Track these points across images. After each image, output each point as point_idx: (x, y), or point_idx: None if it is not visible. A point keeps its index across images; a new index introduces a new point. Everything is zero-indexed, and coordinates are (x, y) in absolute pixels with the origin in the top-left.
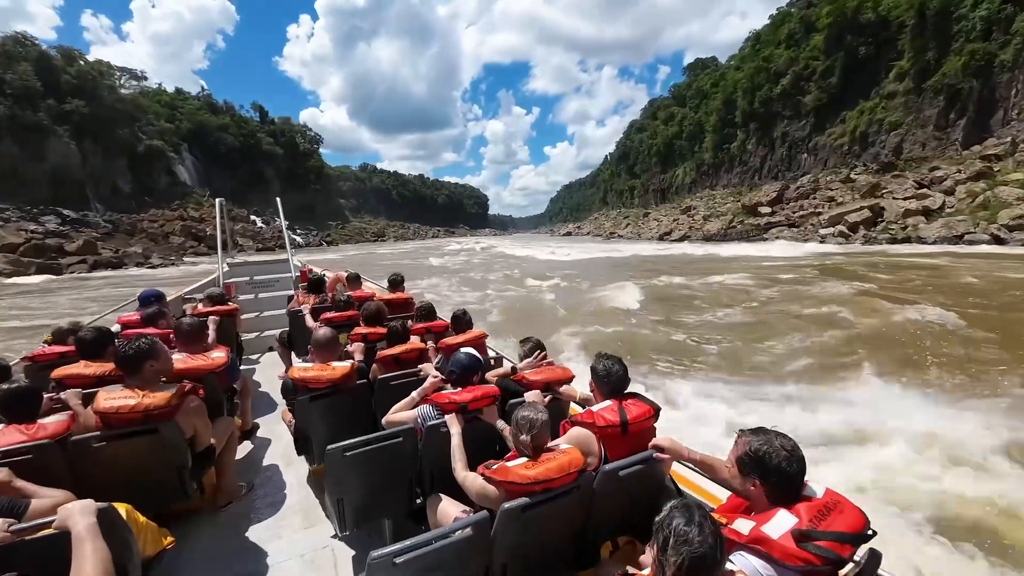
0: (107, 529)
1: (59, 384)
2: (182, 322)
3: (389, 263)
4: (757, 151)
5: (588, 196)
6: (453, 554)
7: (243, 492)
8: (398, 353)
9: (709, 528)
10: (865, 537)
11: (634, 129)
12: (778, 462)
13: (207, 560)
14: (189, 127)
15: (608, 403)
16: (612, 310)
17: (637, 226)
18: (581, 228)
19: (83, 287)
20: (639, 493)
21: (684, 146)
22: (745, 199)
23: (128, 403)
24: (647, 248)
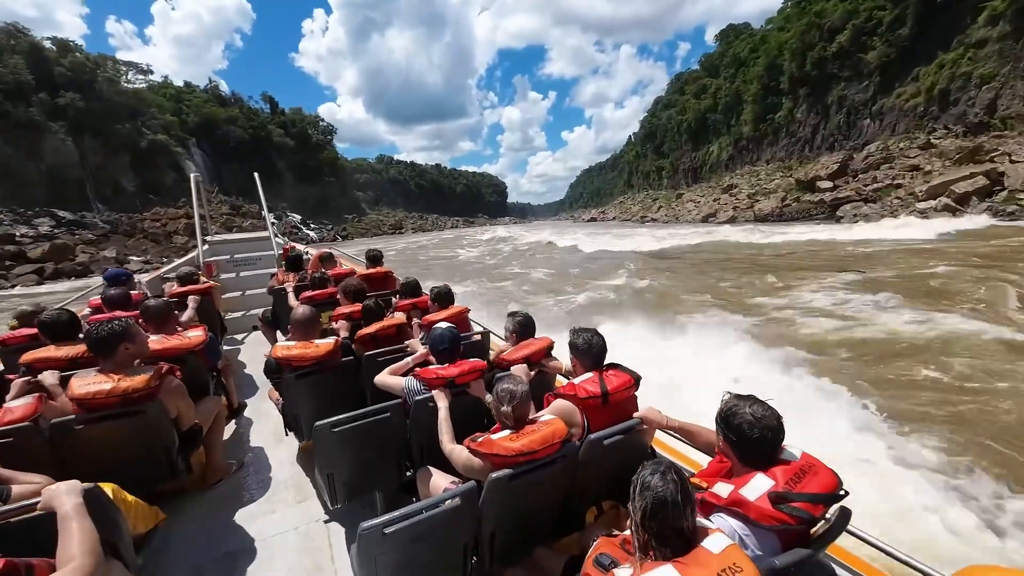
0: (94, 509)
1: (29, 368)
2: (147, 304)
3: (401, 260)
4: (808, 120)
5: (609, 180)
6: (442, 523)
7: (233, 470)
8: (375, 331)
9: (672, 477)
10: (837, 497)
11: (660, 106)
12: (739, 423)
13: (200, 537)
14: (196, 121)
15: (589, 375)
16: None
17: (671, 208)
18: (606, 213)
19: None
20: (622, 460)
21: (719, 120)
22: (799, 173)
23: (104, 388)
24: (696, 233)
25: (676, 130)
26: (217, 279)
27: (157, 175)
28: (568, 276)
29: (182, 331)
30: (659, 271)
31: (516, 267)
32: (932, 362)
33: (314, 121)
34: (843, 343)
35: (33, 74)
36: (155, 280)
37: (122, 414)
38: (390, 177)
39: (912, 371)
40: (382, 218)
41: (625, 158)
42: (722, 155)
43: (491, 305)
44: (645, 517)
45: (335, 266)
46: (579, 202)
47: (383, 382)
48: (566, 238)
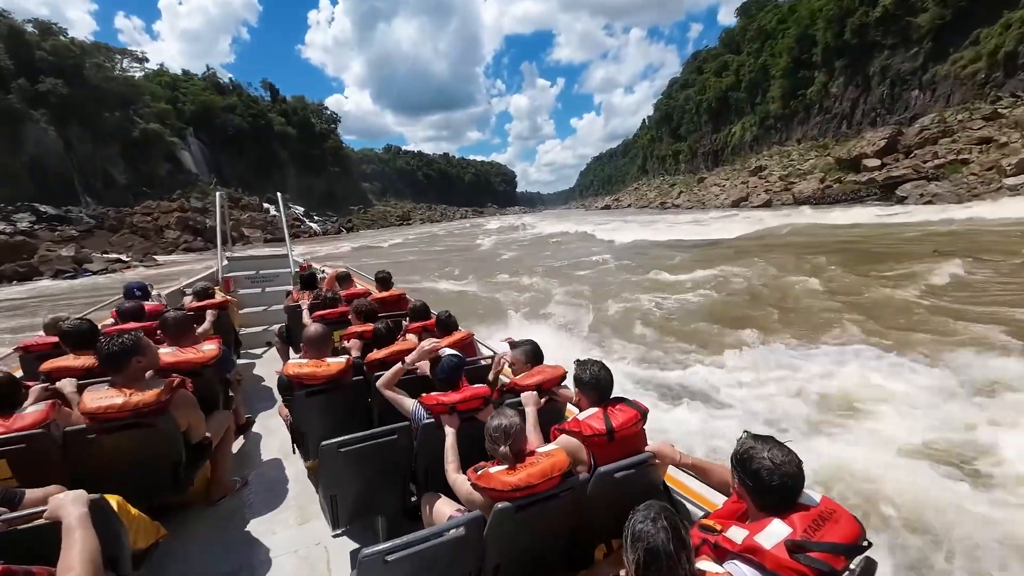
0: (98, 520)
1: (48, 376)
2: (167, 316)
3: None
4: (845, 94)
5: (620, 167)
6: (445, 553)
7: (238, 487)
8: (384, 356)
9: (662, 524)
10: (860, 548)
11: (677, 87)
12: (757, 468)
13: (200, 553)
14: (193, 109)
15: (594, 411)
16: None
17: (693, 193)
18: (620, 200)
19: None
20: (634, 496)
21: (741, 99)
22: (839, 152)
23: (115, 403)
24: (734, 221)
25: (695, 111)
26: (235, 294)
27: (151, 166)
28: (631, 271)
29: (198, 344)
30: (739, 262)
31: (551, 258)
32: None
33: (317, 109)
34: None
35: (12, 59)
36: (175, 293)
37: (134, 425)
38: (397, 167)
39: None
40: (389, 209)
41: (639, 143)
42: (746, 136)
43: (566, 332)
44: (639, 569)
45: (351, 285)
46: (589, 190)
47: (393, 398)
48: (591, 227)
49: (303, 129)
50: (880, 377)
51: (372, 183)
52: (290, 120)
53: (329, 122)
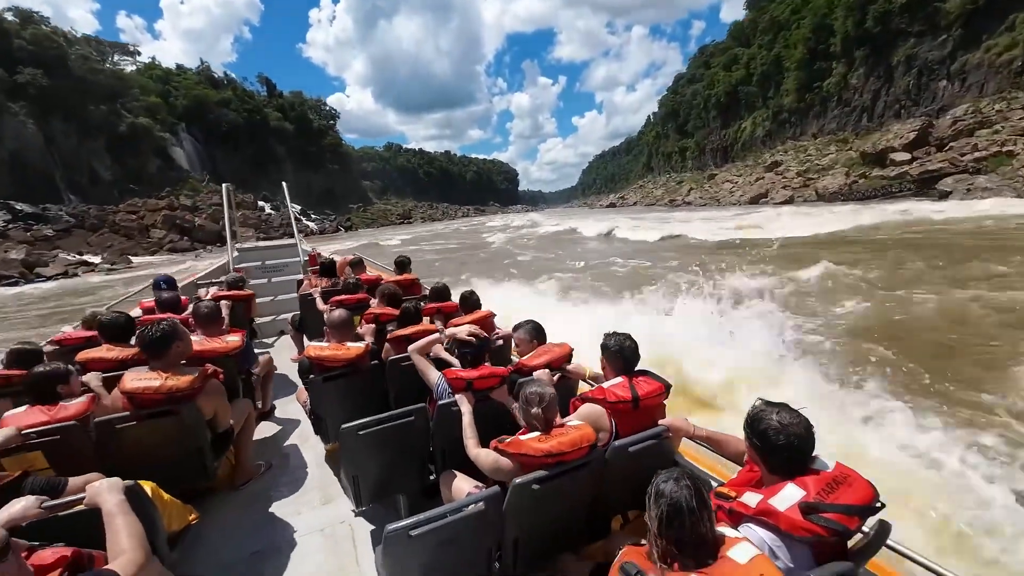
0: (134, 505)
1: (83, 367)
2: (200, 305)
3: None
4: (866, 85)
5: (624, 165)
6: (466, 527)
7: (261, 471)
8: (409, 333)
9: (685, 483)
10: (873, 509)
11: (683, 82)
12: (764, 428)
13: (230, 535)
14: (186, 104)
15: (619, 380)
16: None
17: (704, 190)
18: (626, 198)
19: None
20: (649, 468)
21: (752, 93)
22: (864, 145)
23: (153, 384)
24: (795, 218)
25: (703, 106)
26: (247, 285)
27: (139, 162)
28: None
29: (224, 335)
30: (848, 265)
31: (577, 260)
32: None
33: (316, 105)
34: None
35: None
36: (189, 286)
37: (159, 414)
38: (398, 165)
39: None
40: (390, 207)
41: (644, 140)
42: (757, 131)
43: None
44: (662, 525)
45: (364, 271)
46: (592, 188)
47: (420, 365)
48: (608, 225)
49: (301, 125)
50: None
51: (373, 181)
52: (287, 116)
53: (328, 118)
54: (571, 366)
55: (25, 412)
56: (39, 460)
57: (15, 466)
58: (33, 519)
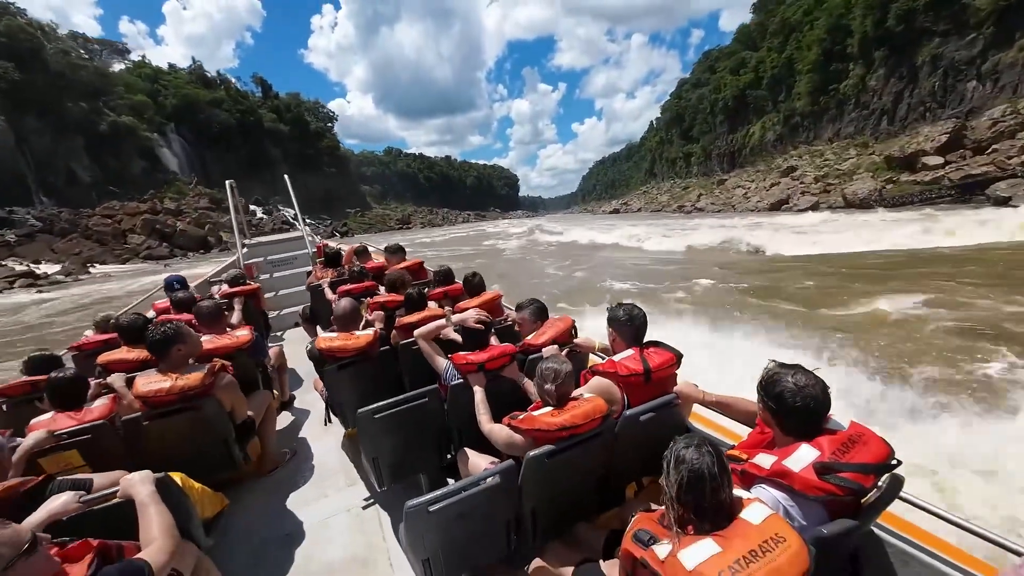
0: (165, 495)
1: (105, 369)
2: (201, 305)
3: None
4: (886, 87)
5: (624, 171)
6: (484, 500)
7: (287, 458)
8: (416, 320)
9: (706, 449)
10: (889, 467)
11: (687, 86)
12: (780, 390)
13: (261, 520)
14: (175, 103)
15: (630, 352)
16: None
17: (715, 196)
18: (630, 204)
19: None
20: (661, 436)
21: (762, 97)
22: (890, 149)
23: (163, 386)
24: (861, 229)
25: (709, 111)
26: (257, 280)
27: (121, 163)
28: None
29: (231, 331)
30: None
31: (603, 273)
32: None
33: (313, 107)
34: None
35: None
36: (202, 284)
37: (182, 409)
38: (398, 170)
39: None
40: (389, 212)
41: (646, 146)
42: (767, 135)
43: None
44: (681, 491)
45: (369, 259)
46: (592, 194)
47: (427, 350)
48: (621, 233)
49: (297, 127)
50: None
51: (372, 186)
52: (282, 117)
53: (326, 120)
54: (579, 339)
55: (52, 418)
56: (75, 458)
57: (52, 466)
58: (72, 513)
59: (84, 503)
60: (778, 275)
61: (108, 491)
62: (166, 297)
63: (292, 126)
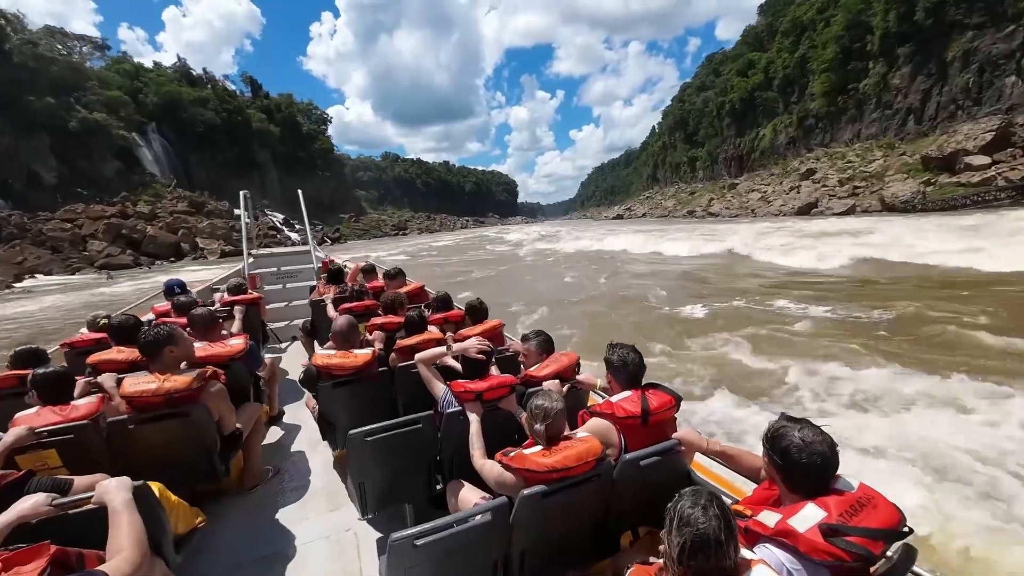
0: (141, 505)
1: (94, 369)
2: (194, 313)
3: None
4: (912, 85)
5: (623, 177)
6: (472, 538)
7: (270, 475)
8: (415, 343)
9: (714, 511)
10: (900, 534)
11: (691, 90)
12: (786, 445)
13: (236, 539)
14: (156, 101)
15: (628, 393)
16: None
17: (728, 201)
18: (633, 210)
19: None
20: (660, 484)
21: (772, 98)
22: (929, 149)
23: (150, 387)
24: (897, 238)
25: (715, 114)
26: (261, 290)
27: (92, 164)
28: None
29: (226, 339)
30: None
31: (656, 289)
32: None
33: (306, 108)
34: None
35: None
36: (205, 290)
37: (170, 415)
38: (395, 175)
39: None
40: (384, 218)
41: (648, 151)
42: (779, 138)
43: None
44: (684, 554)
45: (375, 278)
46: (591, 200)
47: (427, 376)
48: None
49: (288, 129)
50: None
51: (368, 191)
52: (272, 118)
53: (319, 123)
54: (582, 376)
55: (37, 413)
56: (53, 458)
57: (29, 464)
58: (43, 516)
59: (56, 506)
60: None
61: (81, 496)
62: (166, 301)
63: (282, 127)
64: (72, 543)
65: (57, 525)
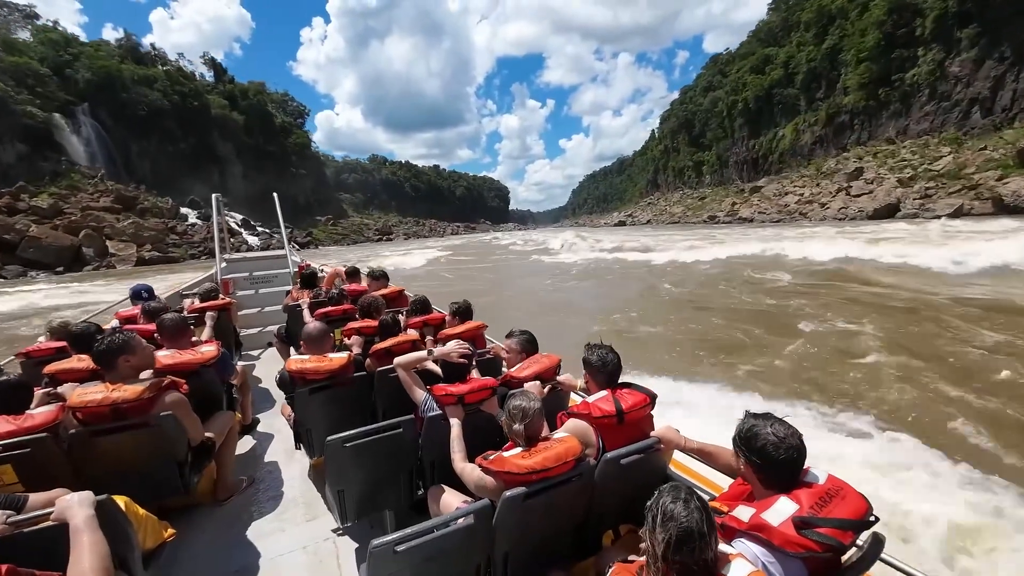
0: (106, 520)
1: (53, 379)
2: (164, 318)
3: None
4: (977, 74)
5: (616, 184)
6: (455, 543)
7: (244, 486)
8: (390, 346)
9: (695, 505)
10: (867, 524)
11: (696, 91)
12: (763, 444)
13: (209, 553)
14: (90, 78)
15: (603, 393)
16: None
17: (755, 205)
18: (636, 216)
19: None
20: (640, 482)
21: (791, 96)
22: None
23: (96, 397)
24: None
25: (725, 115)
26: (234, 296)
27: None
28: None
29: (196, 346)
30: None
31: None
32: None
33: (280, 99)
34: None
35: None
36: (174, 296)
37: (135, 425)
38: (383, 178)
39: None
40: (368, 222)
41: (649, 154)
42: (801, 138)
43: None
44: (669, 550)
45: (357, 281)
46: (583, 208)
47: (406, 380)
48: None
49: (257, 119)
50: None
51: (354, 194)
52: (237, 105)
53: (296, 115)
54: (562, 377)
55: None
56: (8, 473)
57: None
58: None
59: (11, 524)
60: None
61: (39, 513)
62: (131, 306)
63: (249, 116)
64: (28, 564)
65: (11, 545)
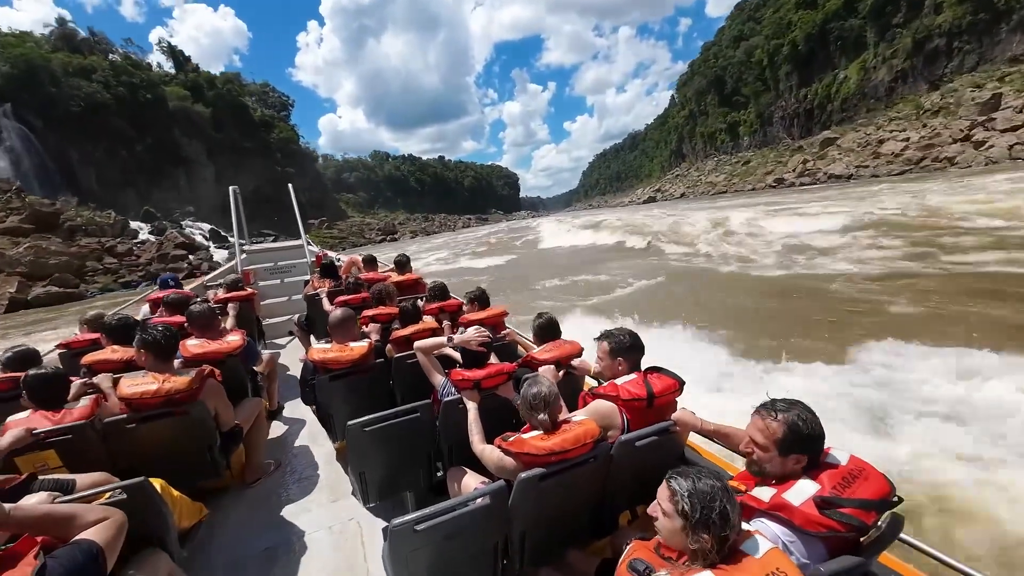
0: (143, 502)
1: (89, 369)
2: (192, 309)
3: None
4: None
5: (630, 161)
6: (472, 522)
7: (272, 469)
8: (410, 333)
9: (720, 485)
10: (890, 504)
11: (723, 46)
12: (809, 432)
13: (240, 532)
14: (10, 72)
15: (632, 376)
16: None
17: (832, 160)
18: (666, 190)
19: None
20: (656, 463)
21: (855, 28)
22: None
23: (150, 388)
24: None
25: (766, 64)
26: (255, 286)
27: None
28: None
29: (224, 335)
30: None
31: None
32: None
33: (259, 90)
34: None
35: None
36: (199, 287)
37: (167, 413)
38: (386, 174)
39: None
40: (371, 221)
41: (670, 123)
42: (873, 77)
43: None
44: (699, 528)
45: (375, 269)
46: (596, 189)
47: (426, 364)
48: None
49: (228, 112)
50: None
51: (356, 193)
52: (203, 96)
53: (278, 107)
54: (576, 362)
55: (28, 418)
56: (52, 458)
57: (28, 465)
58: None
59: (58, 504)
60: None
61: (85, 494)
62: (159, 292)
63: (216, 108)
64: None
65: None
